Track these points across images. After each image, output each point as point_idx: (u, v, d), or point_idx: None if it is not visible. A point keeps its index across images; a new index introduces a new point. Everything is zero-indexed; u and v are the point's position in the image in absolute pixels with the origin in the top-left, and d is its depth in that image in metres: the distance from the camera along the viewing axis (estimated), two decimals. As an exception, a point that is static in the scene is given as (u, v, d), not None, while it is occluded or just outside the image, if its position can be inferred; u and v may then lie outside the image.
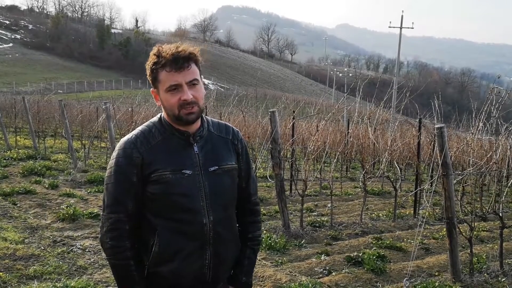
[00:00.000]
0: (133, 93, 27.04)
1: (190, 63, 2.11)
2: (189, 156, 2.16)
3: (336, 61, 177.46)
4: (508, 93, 6.60)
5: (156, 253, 2.13)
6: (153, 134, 2.17)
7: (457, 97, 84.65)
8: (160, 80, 2.11)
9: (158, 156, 2.12)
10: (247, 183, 2.40)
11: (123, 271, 2.16)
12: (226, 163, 2.24)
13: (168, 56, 2.07)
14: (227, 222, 2.25)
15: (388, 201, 10.72)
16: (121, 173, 2.12)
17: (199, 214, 2.13)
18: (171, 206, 2.12)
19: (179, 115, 2.11)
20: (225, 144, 2.29)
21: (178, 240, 2.13)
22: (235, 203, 2.35)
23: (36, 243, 6.05)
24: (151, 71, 2.13)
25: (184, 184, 2.11)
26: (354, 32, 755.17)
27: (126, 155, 2.12)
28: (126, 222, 2.12)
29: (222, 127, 2.34)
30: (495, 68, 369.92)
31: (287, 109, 13.23)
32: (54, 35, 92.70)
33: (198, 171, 2.15)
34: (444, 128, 5.40)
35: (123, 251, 2.12)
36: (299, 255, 6.30)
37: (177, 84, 2.08)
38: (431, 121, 9.97)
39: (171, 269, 2.14)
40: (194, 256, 2.15)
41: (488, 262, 6.09)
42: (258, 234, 2.45)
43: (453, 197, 5.37)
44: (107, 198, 2.15)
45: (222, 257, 2.22)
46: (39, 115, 16.96)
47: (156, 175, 2.10)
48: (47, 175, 10.80)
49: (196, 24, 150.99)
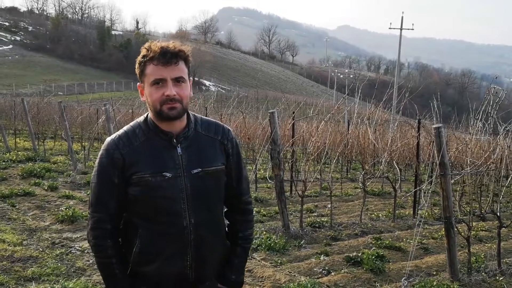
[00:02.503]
0: (133, 94, 27.02)
1: (178, 60, 2.10)
2: (171, 158, 2.13)
3: (337, 62, 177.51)
4: (505, 93, 6.60)
5: (137, 253, 2.15)
6: (137, 134, 2.16)
7: (457, 98, 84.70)
8: (146, 74, 2.11)
9: (139, 157, 2.11)
10: (238, 183, 2.37)
11: (105, 269, 2.19)
12: (211, 165, 2.20)
13: (157, 49, 2.07)
14: (212, 224, 2.24)
15: (388, 201, 10.72)
16: (103, 174, 2.13)
17: (179, 217, 2.12)
18: (152, 208, 2.12)
19: (160, 110, 2.09)
20: (212, 144, 2.25)
21: (159, 241, 2.13)
22: (222, 204, 2.34)
23: (35, 244, 6.05)
24: (139, 64, 2.14)
25: (164, 187, 2.10)
26: (355, 33, 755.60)
27: (108, 155, 2.13)
28: (107, 221, 2.14)
29: (212, 127, 2.29)
30: (495, 69, 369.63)
31: (288, 110, 13.21)
32: (54, 37, 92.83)
33: (180, 173, 2.13)
34: (442, 128, 5.41)
35: (105, 249, 2.15)
36: (299, 256, 6.31)
37: (162, 78, 2.07)
38: (431, 121, 9.97)
39: (152, 269, 2.16)
40: (175, 257, 2.15)
41: (486, 262, 6.09)
42: (249, 233, 2.43)
43: (451, 197, 5.38)
44: (91, 197, 2.18)
45: (205, 259, 2.22)
46: (39, 117, 16.97)
47: (136, 177, 2.10)
48: (47, 177, 10.80)
49: (197, 25, 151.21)
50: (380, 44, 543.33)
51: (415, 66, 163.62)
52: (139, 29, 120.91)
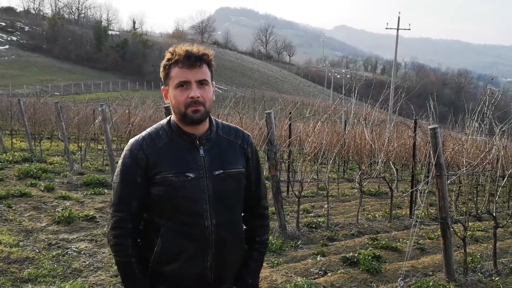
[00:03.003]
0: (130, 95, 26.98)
1: (202, 63, 2.15)
2: (194, 159, 2.18)
3: (334, 62, 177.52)
4: (502, 93, 6.62)
5: (158, 253, 2.18)
6: (160, 136, 2.21)
7: (454, 98, 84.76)
8: (171, 77, 2.15)
9: (163, 158, 2.16)
10: (256, 187, 2.42)
11: (125, 268, 2.22)
12: (232, 167, 2.25)
13: (181, 52, 2.12)
14: (232, 226, 2.27)
15: (384, 201, 10.74)
16: (127, 174, 2.18)
17: (201, 217, 2.16)
18: (174, 208, 2.15)
19: (185, 113, 2.14)
20: (233, 148, 2.30)
21: (180, 241, 2.17)
22: (242, 207, 2.37)
23: (31, 246, 6.04)
24: (164, 67, 2.18)
25: (187, 187, 2.14)
26: (352, 33, 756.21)
27: (132, 156, 2.17)
28: (129, 221, 2.18)
29: (232, 131, 2.35)
30: (491, 69, 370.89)
31: (285, 110, 13.22)
32: (51, 37, 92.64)
33: (203, 174, 2.17)
34: (437, 129, 5.42)
35: (125, 248, 2.18)
36: (295, 256, 6.31)
37: (187, 81, 2.12)
38: (428, 122, 9.98)
39: (173, 269, 2.19)
40: (196, 258, 2.18)
41: (482, 262, 6.11)
42: (266, 238, 2.48)
43: (447, 197, 5.39)
44: (113, 196, 2.22)
45: (225, 260, 2.24)
46: (35, 118, 16.90)
47: (160, 177, 2.14)
48: (43, 177, 10.77)
49: (194, 25, 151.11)
50: (377, 44, 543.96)
51: (412, 66, 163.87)
52: (136, 29, 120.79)
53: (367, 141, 8.93)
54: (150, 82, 78.44)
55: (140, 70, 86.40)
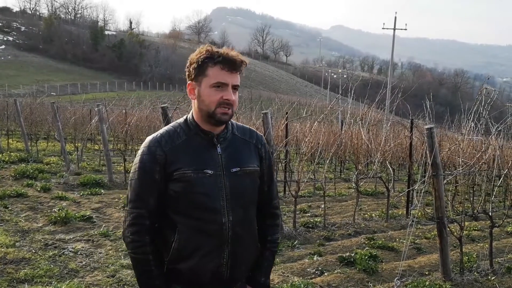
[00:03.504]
0: (127, 95, 26.94)
1: (240, 69, 2.20)
2: (211, 157, 2.21)
3: (330, 62, 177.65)
4: (498, 93, 6.64)
5: (175, 249, 2.19)
6: (178, 133, 2.23)
7: (451, 98, 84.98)
8: (208, 75, 2.16)
9: (181, 155, 2.18)
10: (269, 187, 2.45)
11: (142, 265, 2.22)
12: (248, 165, 2.28)
13: (227, 55, 2.15)
14: (247, 223, 2.29)
15: (381, 201, 10.75)
16: (144, 170, 2.19)
17: (218, 214, 2.18)
18: (192, 205, 2.17)
19: (214, 112, 2.16)
20: (248, 147, 2.34)
21: (197, 238, 2.18)
22: (256, 206, 2.39)
23: (27, 246, 6.02)
24: (201, 63, 2.17)
25: (205, 184, 2.16)
26: (348, 33, 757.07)
27: (150, 152, 2.19)
28: (146, 218, 2.19)
29: (247, 131, 2.39)
30: (488, 69, 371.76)
31: (281, 110, 13.23)
32: (47, 37, 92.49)
33: (220, 171, 2.20)
34: (433, 129, 5.44)
35: (142, 245, 2.19)
36: (292, 256, 6.32)
37: (225, 83, 2.15)
38: (424, 121, 10.01)
39: (189, 266, 2.20)
40: (212, 254, 2.20)
41: (478, 261, 6.11)
42: (277, 237, 2.50)
43: (443, 197, 5.40)
44: (130, 193, 2.23)
45: (240, 257, 2.26)
46: (32, 118, 16.87)
47: (178, 173, 2.16)
48: (40, 178, 10.75)
49: (190, 25, 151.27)
50: (373, 44, 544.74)
51: (409, 66, 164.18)
52: (133, 29, 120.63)
53: (364, 141, 8.95)
54: (147, 82, 78.43)
55: (136, 70, 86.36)
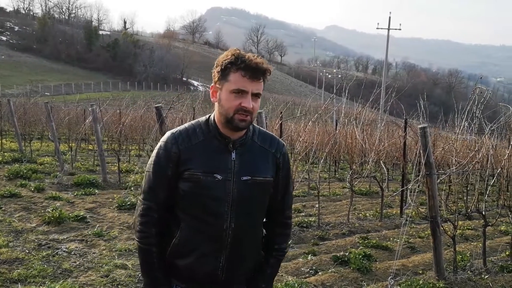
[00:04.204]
0: (121, 95, 26.89)
1: (262, 77, 2.19)
2: (224, 161, 2.21)
3: (325, 62, 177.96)
4: (491, 93, 6.67)
5: (175, 245, 2.24)
6: (197, 133, 2.25)
7: (445, 97, 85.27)
8: (230, 80, 2.16)
9: (195, 155, 2.20)
10: (283, 197, 2.43)
11: (145, 256, 2.27)
12: (260, 175, 2.26)
13: (250, 62, 2.13)
14: (250, 231, 2.30)
15: (375, 201, 10.78)
16: (159, 165, 2.23)
17: (221, 219, 2.19)
18: (197, 206, 2.20)
19: (232, 118, 2.16)
20: (266, 156, 2.32)
21: (197, 238, 2.21)
22: (264, 214, 2.39)
23: (21, 246, 6.00)
24: (224, 68, 2.17)
25: (213, 187, 2.17)
26: (343, 33, 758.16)
27: (166, 148, 2.23)
28: (156, 210, 2.25)
29: (268, 139, 2.37)
30: (482, 69, 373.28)
31: (276, 110, 13.23)
32: (41, 37, 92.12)
33: (230, 177, 2.19)
34: (427, 128, 5.46)
35: (148, 236, 2.24)
36: (286, 256, 6.29)
37: (245, 90, 2.14)
38: (418, 121, 10.04)
39: (185, 264, 2.24)
40: (209, 256, 2.22)
41: (471, 260, 6.15)
42: (284, 246, 2.50)
43: (437, 196, 5.42)
44: (144, 185, 2.28)
45: (237, 263, 2.28)
46: (25, 118, 16.81)
47: (188, 173, 2.18)
48: (33, 178, 10.71)
49: (185, 25, 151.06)
50: (368, 44, 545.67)
51: (403, 66, 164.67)
52: (127, 29, 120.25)
53: (358, 141, 8.97)
54: (141, 82, 78.30)
55: (131, 70, 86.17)
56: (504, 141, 9.51)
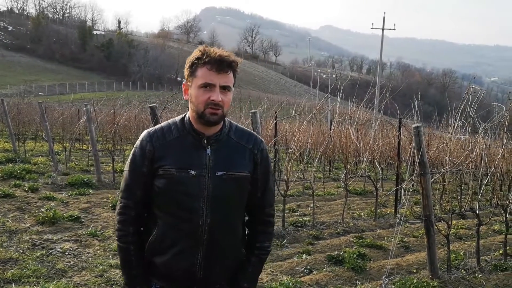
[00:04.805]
0: (115, 95, 26.80)
1: (230, 69, 2.21)
2: (199, 157, 2.23)
3: (320, 62, 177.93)
4: (485, 92, 6.69)
5: (152, 243, 2.26)
6: (171, 131, 2.28)
7: (439, 97, 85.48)
8: (197, 76, 2.19)
9: (169, 152, 2.23)
10: (262, 194, 2.42)
11: (123, 254, 2.30)
12: (236, 170, 2.27)
13: (214, 55, 2.16)
14: (227, 228, 2.29)
15: (369, 200, 10.81)
16: (135, 163, 2.28)
17: (196, 214, 2.20)
18: (172, 202, 2.21)
19: (203, 113, 2.18)
20: (242, 152, 2.33)
21: (173, 235, 2.23)
22: (242, 211, 2.39)
23: (15, 246, 5.98)
24: (191, 65, 2.21)
25: (187, 183, 2.19)
26: (337, 33, 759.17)
27: (141, 146, 2.27)
28: (133, 208, 2.28)
29: (245, 135, 2.38)
30: (476, 68, 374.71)
31: (270, 110, 13.25)
32: (35, 37, 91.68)
33: (205, 173, 2.21)
34: (421, 128, 5.48)
35: (126, 235, 2.27)
36: (281, 255, 6.33)
37: (212, 83, 2.17)
38: (412, 121, 10.06)
39: (163, 261, 2.25)
40: (185, 253, 2.23)
41: (465, 259, 6.18)
42: (267, 245, 2.48)
43: (430, 195, 5.44)
44: (122, 183, 2.32)
45: (215, 259, 2.27)
46: (19, 118, 16.76)
47: (163, 169, 2.21)
48: (27, 178, 10.66)
49: (179, 25, 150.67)
50: (362, 44, 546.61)
51: (397, 66, 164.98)
52: (121, 29, 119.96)
53: (353, 140, 8.99)
54: (136, 82, 78.11)
55: (125, 70, 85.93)
56: (498, 141, 9.53)
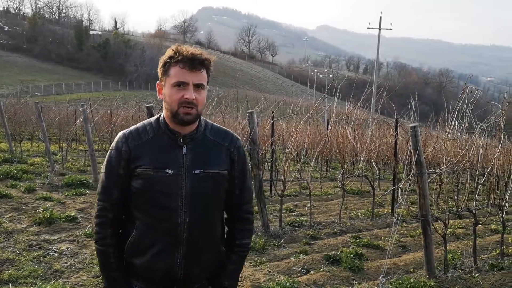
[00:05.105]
0: (112, 95, 26.81)
1: (203, 67, 2.20)
2: (175, 156, 2.22)
3: (316, 62, 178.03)
4: (481, 92, 6.71)
5: (130, 244, 2.24)
6: (147, 131, 2.27)
7: (436, 97, 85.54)
8: (170, 75, 2.18)
9: (145, 152, 2.22)
10: (240, 191, 2.42)
11: (102, 257, 2.28)
12: (213, 168, 2.27)
13: (186, 54, 2.15)
14: (206, 226, 2.29)
15: (366, 200, 10.82)
16: (111, 165, 2.26)
17: (174, 214, 2.19)
18: (150, 202, 2.20)
19: (177, 112, 2.18)
20: (219, 150, 2.32)
21: (152, 235, 2.21)
22: (220, 208, 2.39)
23: (11, 247, 5.96)
24: (164, 64, 2.20)
25: (164, 182, 2.18)
26: (334, 33, 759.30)
27: (117, 148, 2.25)
28: (110, 211, 2.26)
29: (221, 133, 2.38)
30: (472, 68, 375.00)
31: (267, 110, 13.26)
32: (31, 37, 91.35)
33: (182, 172, 2.20)
34: (417, 127, 5.48)
35: (104, 237, 2.26)
36: (278, 255, 6.33)
37: (185, 82, 2.16)
38: (409, 121, 10.08)
39: (142, 262, 2.24)
40: (165, 253, 2.22)
41: (462, 259, 6.20)
42: (246, 242, 2.48)
43: (427, 195, 5.45)
44: (99, 186, 2.30)
45: (195, 258, 2.26)
46: (15, 118, 16.71)
47: (139, 170, 2.20)
48: (24, 178, 10.64)
49: (176, 25, 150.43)
50: (359, 44, 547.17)
51: (394, 65, 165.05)
52: (118, 28, 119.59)
53: (350, 140, 8.99)
54: (132, 82, 77.97)
55: (122, 70, 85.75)
56: (494, 140, 9.56)
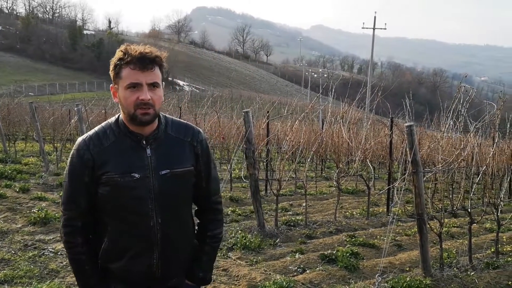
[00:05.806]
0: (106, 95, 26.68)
1: (154, 65, 2.14)
2: (140, 159, 2.18)
3: (311, 62, 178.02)
4: (476, 91, 6.73)
5: (104, 250, 2.22)
6: (107, 135, 2.20)
7: (430, 96, 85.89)
8: (122, 77, 2.13)
9: (109, 158, 2.16)
10: (207, 183, 2.41)
11: (75, 264, 2.25)
12: (179, 167, 2.24)
13: (135, 54, 2.09)
14: (178, 223, 2.29)
15: (362, 199, 10.84)
16: (74, 173, 2.19)
17: (147, 217, 2.17)
18: (120, 208, 2.17)
19: (134, 114, 2.13)
20: (182, 146, 2.29)
21: (126, 240, 2.19)
22: (190, 204, 2.39)
23: (6, 247, 5.94)
24: (115, 66, 2.15)
25: (133, 187, 2.15)
26: (328, 33, 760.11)
27: (78, 155, 2.18)
28: (78, 219, 2.21)
29: (182, 128, 2.33)
30: (466, 68, 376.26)
31: (262, 109, 13.26)
32: (24, 37, 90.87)
33: (149, 174, 2.17)
34: (413, 126, 5.50)
35: (75, 246, 2.21)
36: (274, 254, 6.33)
37: (138, 83, 2.10)
38: (404, 120, 10.11)
39: (119, 266, 2.22)
40: (141, 256, 2.21)
41: (458, 257, 6.22)
42: (218, 232, 2.48)
43: (423, 194, 5.47)
44: (63, 195, 2.24)
45: (171, 257, 2.27)
46: (9, 118, 16.65)
47: (106, 177, 2.15)
48: (18, 178, 10.60)
49: (170, 25, 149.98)
50: (353, 43, 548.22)
51: (388, 65, 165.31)
52: (112, 28, 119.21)
53: (345, 140, 9.01)
54: (127, 82, 77.71)
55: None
56: (489, 139, 9.61)
